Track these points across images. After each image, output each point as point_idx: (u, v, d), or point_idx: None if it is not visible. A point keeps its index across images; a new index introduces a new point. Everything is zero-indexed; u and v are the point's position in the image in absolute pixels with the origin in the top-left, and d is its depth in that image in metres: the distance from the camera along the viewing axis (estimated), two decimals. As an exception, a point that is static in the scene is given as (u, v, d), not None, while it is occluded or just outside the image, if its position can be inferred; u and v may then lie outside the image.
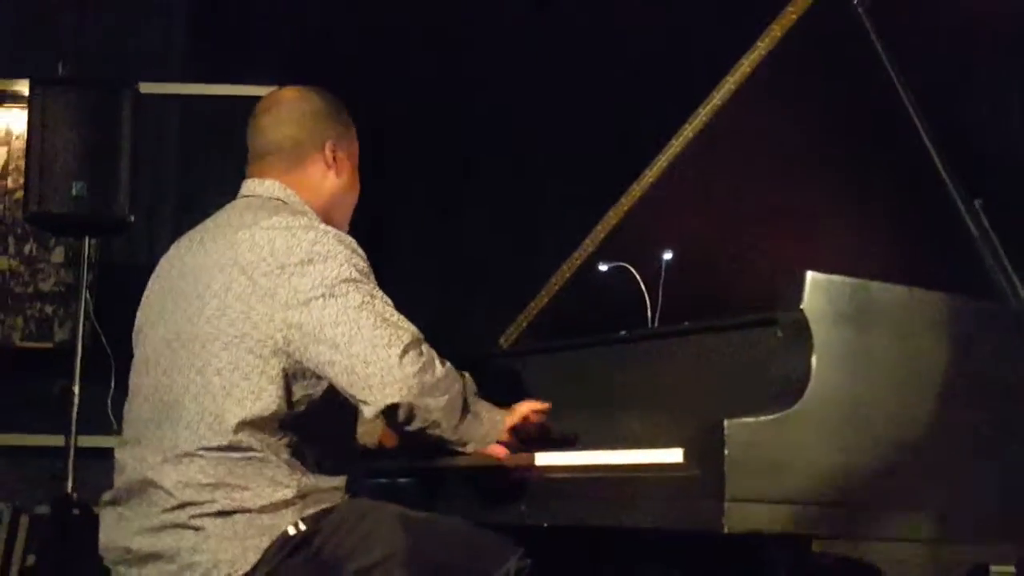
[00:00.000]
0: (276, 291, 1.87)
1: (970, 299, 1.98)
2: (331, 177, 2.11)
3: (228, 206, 2.09)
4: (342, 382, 1.88)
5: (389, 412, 1.91)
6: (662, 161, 2.32)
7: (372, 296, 1.91)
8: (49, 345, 4.17)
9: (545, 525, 1.97)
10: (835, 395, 1.73)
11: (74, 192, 3.41)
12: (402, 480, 2.39)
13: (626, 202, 2.37)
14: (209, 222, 2.08)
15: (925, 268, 2.02)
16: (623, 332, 2.23)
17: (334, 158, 2.11)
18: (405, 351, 1.85)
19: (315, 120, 2.11)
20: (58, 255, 4.27)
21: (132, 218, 3.55)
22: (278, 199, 2.05)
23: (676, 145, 2.28)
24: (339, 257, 1.91)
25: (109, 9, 4.25)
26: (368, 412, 1.91)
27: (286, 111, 2.12)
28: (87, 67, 3.87)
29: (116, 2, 4.32)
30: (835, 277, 1.76)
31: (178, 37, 4.27)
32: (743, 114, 2.26)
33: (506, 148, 3.79)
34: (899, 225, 2.27)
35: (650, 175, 2.34)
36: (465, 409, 1.97)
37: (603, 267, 2.36)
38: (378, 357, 1.83)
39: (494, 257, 3.44)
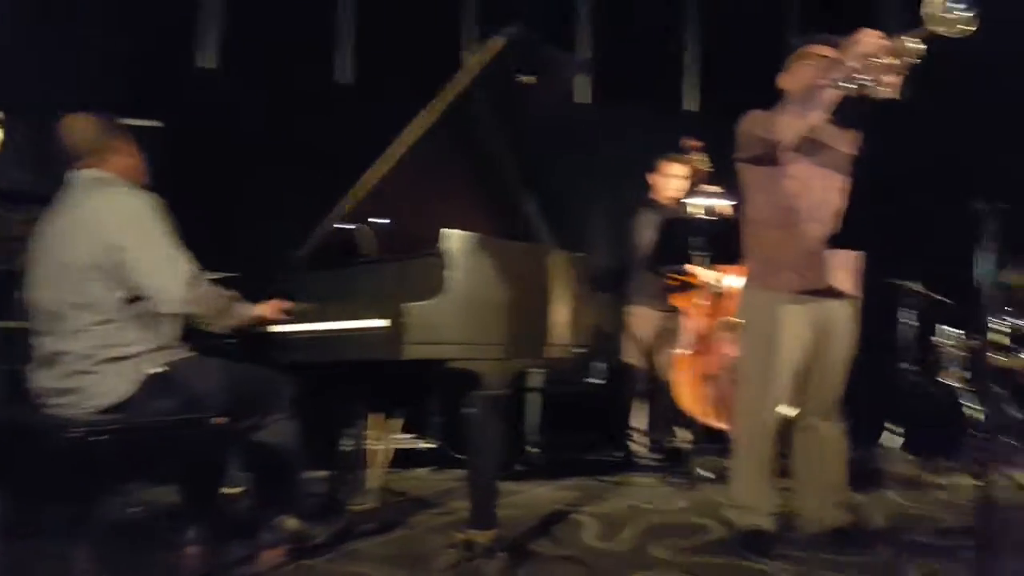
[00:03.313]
0: (111, 233, 2.20)
1: (523, 242, 2.58)
2: (124, 165, 2.41)
3: (72, 185, 2.36)
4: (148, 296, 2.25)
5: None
6: (377, 170, 2.76)
7: (168, 238, 2.24)
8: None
9: (314, 361, 2.51)
10: (457, 291, 2.29)
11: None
12: (227, 342, 2.65)
13: (360, 190, 2.80)
14: (65, 197, 2.36)
15: (506, 229, 2.61)
16: (360, 259, 2.81)
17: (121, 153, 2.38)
18: (185, 283, 2.24)
19: (102, 133, 2.40)
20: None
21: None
22: (99, 178, 2.35)
23: (387, 159, 2.72)
24: (148, 210, 2.26)
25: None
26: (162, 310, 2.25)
27: (80, 129, 2.38)
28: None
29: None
30: (461, 232, 2.31)
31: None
32: (425, 144, 2.73)
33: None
34: (496, 210, 2.78)
35: (372, 176, 2.76)
36: (225, 312, 2.38)
37: (350, 226, 2.85)
38: (165, 286, 2.24)
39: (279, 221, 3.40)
